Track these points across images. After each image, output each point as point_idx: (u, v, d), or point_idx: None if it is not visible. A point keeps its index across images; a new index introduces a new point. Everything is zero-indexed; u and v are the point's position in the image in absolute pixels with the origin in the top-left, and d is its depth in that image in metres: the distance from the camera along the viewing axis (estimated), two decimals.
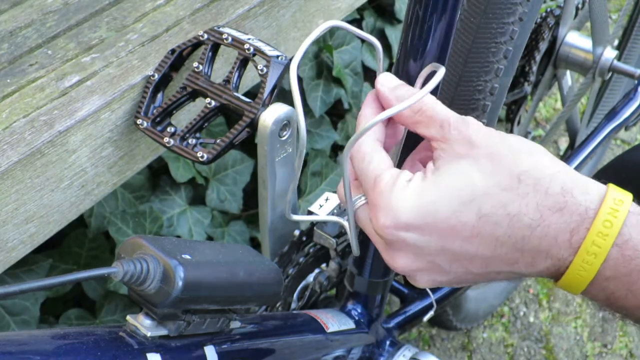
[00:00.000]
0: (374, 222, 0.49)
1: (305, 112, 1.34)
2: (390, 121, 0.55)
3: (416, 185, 0.48)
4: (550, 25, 1.17)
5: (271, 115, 0.68)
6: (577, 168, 1.26)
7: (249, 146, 1.25)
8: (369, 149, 0.51)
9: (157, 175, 1.24)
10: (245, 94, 0.71)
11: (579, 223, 0.46)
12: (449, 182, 0.47)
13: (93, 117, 0.68)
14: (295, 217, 0.59)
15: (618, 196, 0.46)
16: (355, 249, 0.58)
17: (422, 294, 1.00)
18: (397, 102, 0.52)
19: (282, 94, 1.35)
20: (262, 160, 0.71)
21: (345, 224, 0.57)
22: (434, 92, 0.58)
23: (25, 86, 0.68)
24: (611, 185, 0.47)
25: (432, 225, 0.47)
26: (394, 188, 0.48)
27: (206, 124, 0.71)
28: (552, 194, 0.46)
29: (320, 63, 1.36)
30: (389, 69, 0.78)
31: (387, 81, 0.53)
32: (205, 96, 0.71)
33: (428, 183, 0.48)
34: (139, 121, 0.71)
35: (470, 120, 0.49)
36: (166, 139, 0.70)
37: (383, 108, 0.54)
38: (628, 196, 0.47)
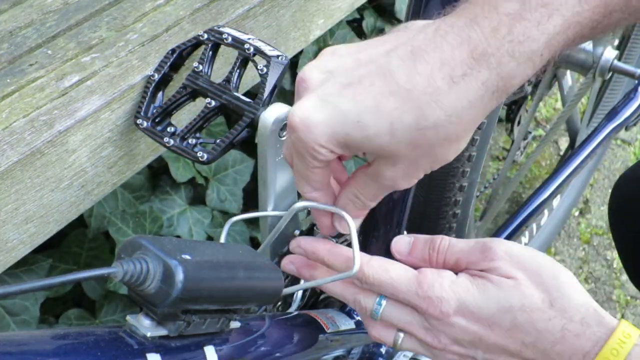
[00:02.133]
0: (431, 311, 0.58)
1: None
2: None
3: (467, 283, 0.58)
4: None
5: (271, 115, 0.68)
6: (577, 168, 1.26)
7: (249, 146, 1.25)
8: (380, 260, 0.60)
9: (157, 175, 1.24)
10: (245, 94, 0.71)
11: (592, 348, 0.55)
12: (493, 292, 0.58)
13: (93, 117, 0.68)
14: (299, 204, 0.60)
15: (627, 330, 0.55)
16: (358, 264, 0.59)
17: None
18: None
19: (282, 94, 1.35)
20: (262, 160, 0.71)
21: (345, 214, 0.58)
22: None
23: (25, 86, 0.68)
24: (623, 321, 0.56)
25: (476, 317, 0.58)
26: (444, 281, 0.58)
27: (206, 124, 0.71)
28: (575, 322, 0.56)
29: None
30: None
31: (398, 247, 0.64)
32: (205, 96, 0.71)
33: (475, 286, 0.58)
34: (139, 121, 0.71)
35: (502, 246, 0.59)
36: (166, 139, 0.70)
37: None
38: (637, 331, 0.56)
